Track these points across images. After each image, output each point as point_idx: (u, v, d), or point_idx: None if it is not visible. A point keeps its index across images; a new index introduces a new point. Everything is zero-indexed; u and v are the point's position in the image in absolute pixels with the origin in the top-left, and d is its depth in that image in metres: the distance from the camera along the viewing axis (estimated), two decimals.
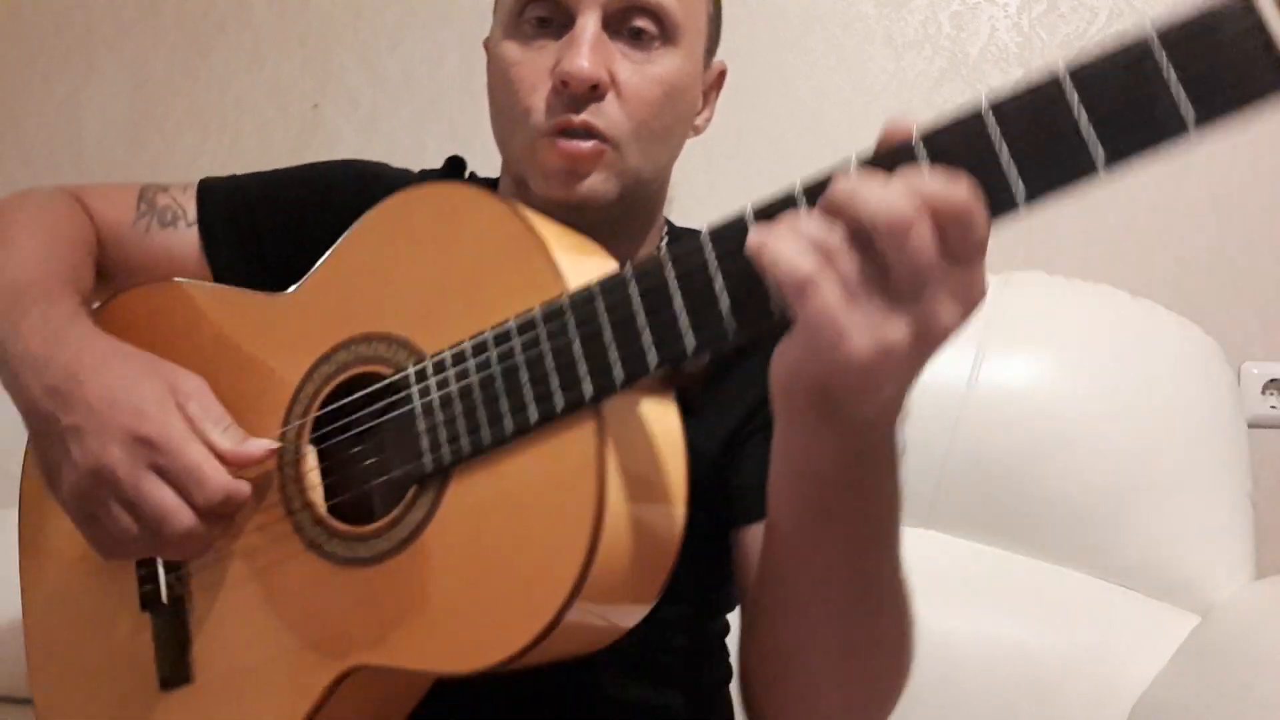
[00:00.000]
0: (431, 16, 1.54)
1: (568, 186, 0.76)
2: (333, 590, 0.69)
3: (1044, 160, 0.50)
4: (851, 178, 0.50)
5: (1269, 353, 1.33)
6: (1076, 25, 1.37)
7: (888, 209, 0.48)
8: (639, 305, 0.59)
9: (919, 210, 0.48)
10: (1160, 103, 0.49)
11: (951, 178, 0.49)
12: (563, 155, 0.75)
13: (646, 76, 0.77)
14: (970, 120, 0.51)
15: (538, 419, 0.62)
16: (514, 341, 0.63)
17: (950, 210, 0.48)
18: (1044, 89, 0.50)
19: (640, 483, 0.62)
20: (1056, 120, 0.50)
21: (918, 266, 0.48)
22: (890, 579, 0.64)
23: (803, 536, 0.62)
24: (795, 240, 0.50)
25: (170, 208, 0.91)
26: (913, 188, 0.49)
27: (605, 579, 0.61)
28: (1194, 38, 0.49)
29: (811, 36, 1.43)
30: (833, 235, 0.50)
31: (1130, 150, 0.50)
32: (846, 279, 0.50)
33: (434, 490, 0.66)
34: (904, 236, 0.48)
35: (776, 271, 0.50)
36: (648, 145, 0.78)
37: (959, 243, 0.49)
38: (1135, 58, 0.50)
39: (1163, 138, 0.49)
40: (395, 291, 0.71)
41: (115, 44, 1.62)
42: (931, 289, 0.49)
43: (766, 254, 0.51)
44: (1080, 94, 0.50)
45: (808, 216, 0.51)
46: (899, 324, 0.50)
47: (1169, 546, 1.17)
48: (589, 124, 0.75)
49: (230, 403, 0.74)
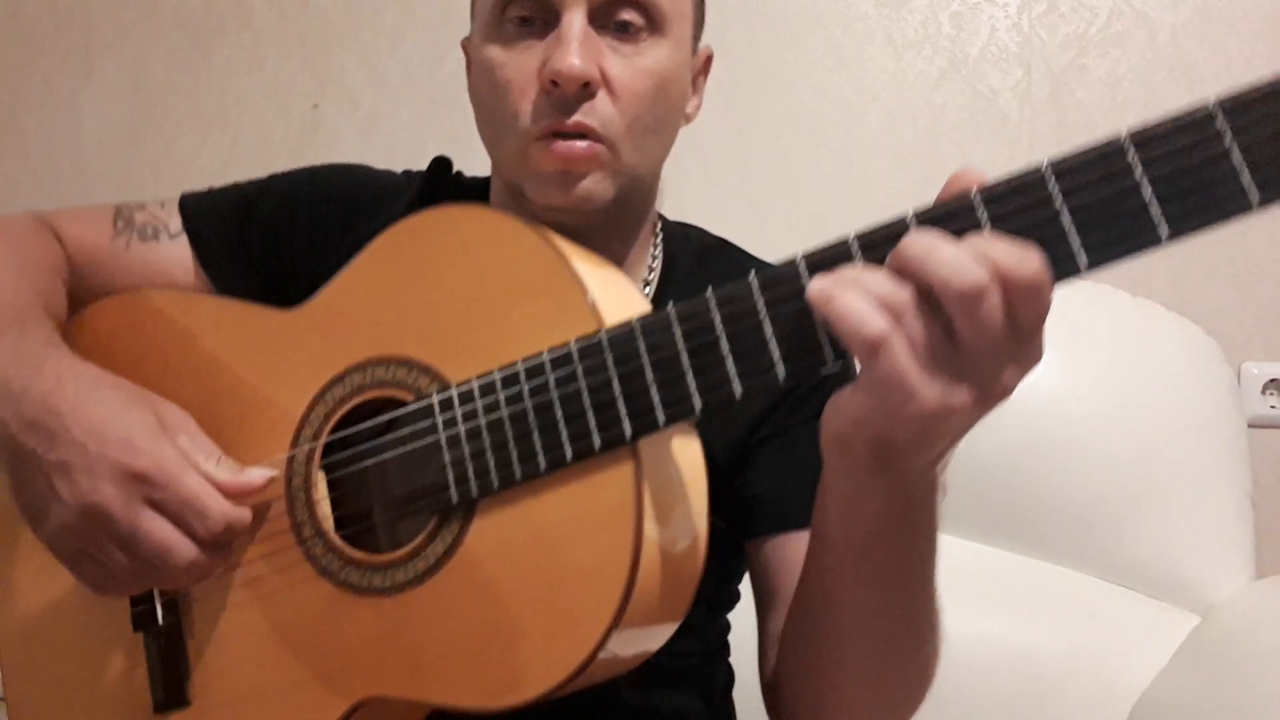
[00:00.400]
0: (431, 16, 1.53)
1: (564, 190, 0.74)
2: (348, 619, 0.67)
3: (1107, 229, 0.50)
4: (924, 237, 0.50)
5: (1269, 353, 1.33)
6: (1076, 25, 1.37)
7: (961, 275, 0.48)
8: (683, 347, 0.58)
9: (991, 279, 0.48)
10: (1225, 178, 0.48)
11: (1024, 249, 0.49)
12: (557, 158, 0.73)
13: (637, 70, 0.74)
14: (1033, 183, 0.51)
15: (573, 457, 0.60)
16: (548, 376, 0.62)
17: (1022, 283, 0.48)
18: (1109, 157, 0.50)
19: (671, 514, 0.62)
20: (1121, 191, 0.49)
21: (986, 334, 0.49)
22: (925, 607, 0.65)
23: (845, 572, 0.64)
24: (864, 296, 0.50)
25: (149, 223, 0.87)
26: (986, 255, 0.49)
27: (640, 611, 0.60)
28: (1258, 111, 0.48)
29: (811, 36, 1.43)
30: (901, 293, 0.50)
31: (1195, 225, 0.49)
32: (915, 340, 0.50)
33: (458, 522, 0.64)
34: (976, 304, 0.48)
35: (844, 326, 0.50)
36: (642, 141, 0.76)
37: (1026, 314, 0.49)
38: (1199, 130, 0.49)
39: (1228, 214, 0.48)
40: (417, 315, 0.69)
41: (115, 44, 1.62)
42: (996, 354, 0.50)
43: (835, 307, 0.50)
44: (1145, 166, 0.49)
45: (875, 272, 0.51)
46: (963, 386, 0.51)
47: (1169, 546, 1.17)
48: (582, 125, 0.72)
49: (232, 420, 0.73)
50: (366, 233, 0.82)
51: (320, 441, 0.70)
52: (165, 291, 0.84)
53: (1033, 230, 0.50)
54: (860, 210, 1.40)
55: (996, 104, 1.38)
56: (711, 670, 0.87)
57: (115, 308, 0.82)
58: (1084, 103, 1.36)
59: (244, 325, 0.77)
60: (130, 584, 0.68)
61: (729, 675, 0.89)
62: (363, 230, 0.83)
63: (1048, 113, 1.37)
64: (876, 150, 1.41)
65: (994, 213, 0.51)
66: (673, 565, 0.62)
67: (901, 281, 0.50)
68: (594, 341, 0.61)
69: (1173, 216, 0.49)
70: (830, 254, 0.54)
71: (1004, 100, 1.38)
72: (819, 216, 1.42)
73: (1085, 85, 1.36)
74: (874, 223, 0.54)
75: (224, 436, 0.72)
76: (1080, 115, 1.36)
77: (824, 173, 1.42)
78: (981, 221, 0.51)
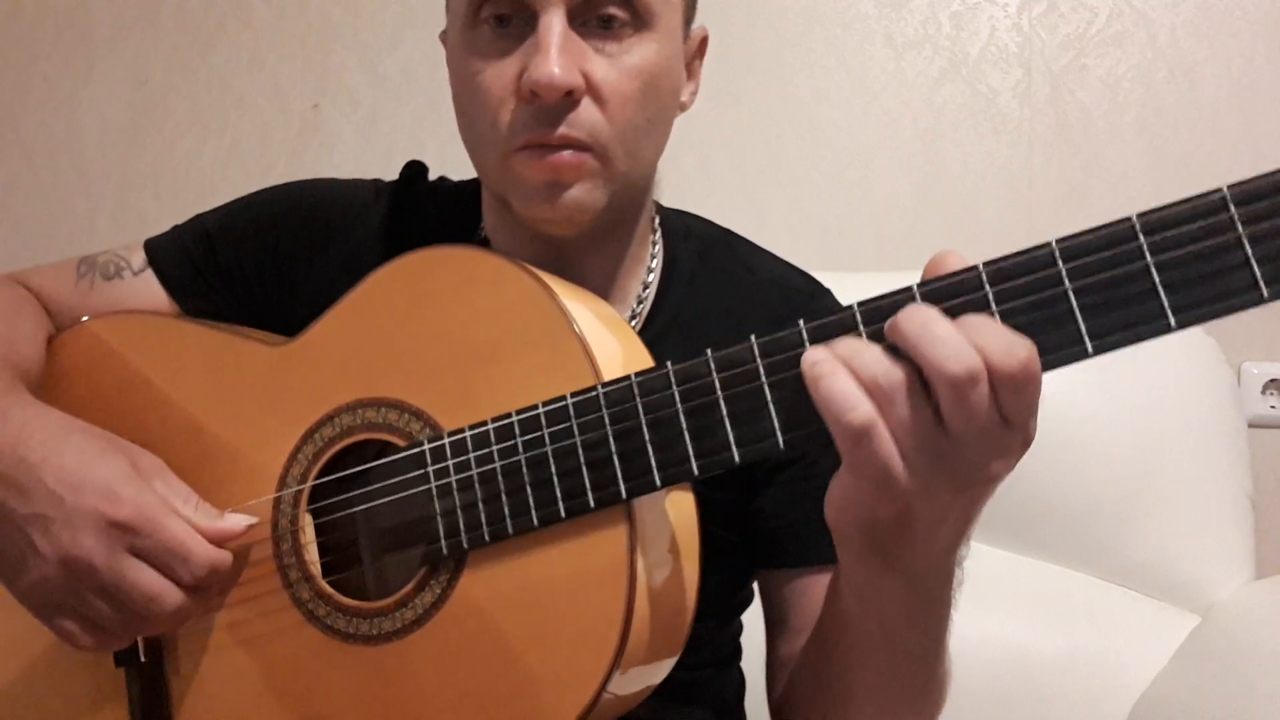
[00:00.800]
0: (431, 16, 1.52)
1: (551, 202, 0.69)
2: (333, 667, 0.66)
3: (1114, 313, 0.49)
4: (921, 314, 0.49)
5: (1269, 353, 1.33)
6: (1076, 25, 1.37)
7: (954, 361, 0.47)
8: (681, 409, 0.57)
9: (982, 366, 0.48)
10: (1235, 268, 0.48)
11: (1015, 338, 0.48)
12: (542, 169, 0.69)
13: (624, 70, 0.69)
14: (1042, 264, 0.50)
15: (565, 516, 0.60)
16: (543, 431, 0.60)
17: (1007, 374, 0.48)
18: (1118, 243, 0.49)
19: (664, 569, 0.62)
20: (1130, 276, 0.49)
21: (974, 422, 0.48)
22: (937, 670, 0.65)
23: (859, 648, 0.64)
24: (850, 380, 0.49)
25: (112, 261, 0.86)
26: (976, 342, 0.48)
27: (633, 664, 0.60)
28: (1269, 200, 0.47)
29: (811, 36, 1.43)
30: (893, 374, 0.49)
31: (1204, 315, 0.49)
32: (901, 426, 0.49)
33: (447, 573, 0.63)
34: (967, 391, 0.47)
35: (829, 410, 0.49)
36: (633, 145, 0.71)
37: (1013, 405, 0.49)
38: (1210, 219, 0.48)
39: (1238, 306, 0.48)
40: (409, 357, 0.67)
41: (115, 44, 1.62)
42: (982, 443, 0.49)
43: (821, 389, 0.50)
44: (1154, 253, 0.49)
45: (870, 348, 0.50)
46: (947, 473, 0.50)
47: (1169, 546, 1.17)
48: (568, 138, 0.68)
49: (217, 455, 0.71)
50: (340, 253, 0.80)
51: (308, 484, 0.69)
52: (150, 316, 0.82)
53: (1039, 310, 0.50)
54: (860, 210, 1.41)
55: (996, 104, 1.38)
56: (724, 679, 0.86)
57: (99, 330, 0.81)
58: (1084, 103, 1.36)
59: (233, 358, 0.75)
60: (116, 634, 0.66)
61: (740, 681, 0.88)
62: (336, 250, 0.82)
63: (1048, 113, 1.37)
64: (876, 150, 1.41)
65: (1000, 294, 0.50)
66: (665, 616, 0.62)
67: (895, 361, 0.49)
68: (590, 396, 0.59)
69: (1180, 306, 0.49)
70: (832, 325, 0.53)
71: (1004, 100, 1.38)
72: (819, 216, 1.42)
73: (1085, 85, 1.36)
74: (878, 294, 0.53)
75: (209, 472, 0.72)
76: (1080, 115, 1.36)
77: (824, 173, 1.42)
78: (989, 298, 0.51)
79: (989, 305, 0.50)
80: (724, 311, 0.80)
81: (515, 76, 0.68)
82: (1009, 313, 0.50)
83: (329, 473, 0.69)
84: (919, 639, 0.62)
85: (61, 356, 0.81)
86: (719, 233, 0.88)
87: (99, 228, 1.61)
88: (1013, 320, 0.50)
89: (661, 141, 0.77)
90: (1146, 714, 1.06)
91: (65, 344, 0.82)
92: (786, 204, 1.43)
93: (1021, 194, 1.37)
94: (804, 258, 0.88)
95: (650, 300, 0.81)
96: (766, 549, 0.79)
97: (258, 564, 0.70)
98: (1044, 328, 0.50)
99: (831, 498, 0.55)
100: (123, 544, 0.64)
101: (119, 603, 0.64)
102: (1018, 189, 1.37)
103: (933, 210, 1.40)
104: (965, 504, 0.53)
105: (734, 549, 0.79)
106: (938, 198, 1.40)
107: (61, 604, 0.65)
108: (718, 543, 0.70)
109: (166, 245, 0.87)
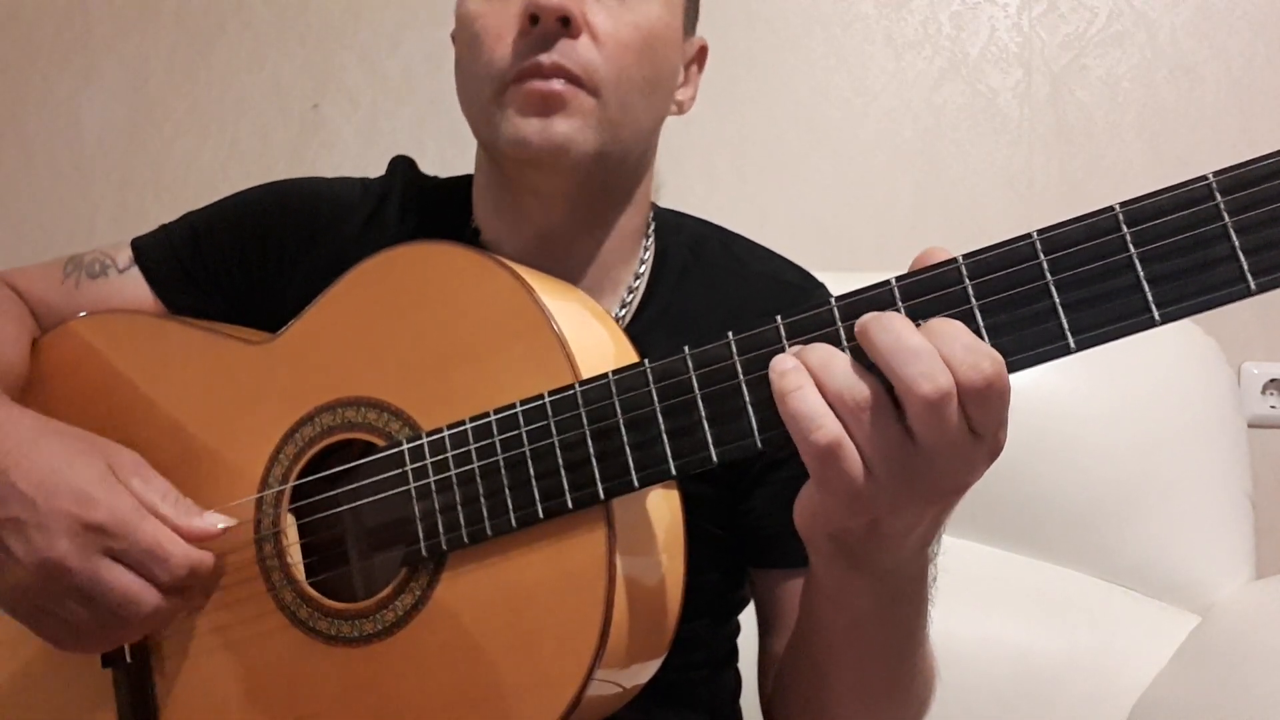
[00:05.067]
0: (431, 16, 1.53)
1: (541, 127, 0.68)
2: (315, 668, 0.66)
3: (1096, 308, 0.48)
4: (892, 327, 0.48)
5: (1269, 353, 1.33)
6: (1076, 25, 1.37)
7: (925, 380, 0.46)
8: (658, 407, 0.56)
9: (954, 387, 0.47)
10: (1222, 260, 0.46)
11: (982, 351, 0.47)
12: (532, 94, 0.68)
13: (623, 21, 0.70)
14: (1022, 256, 0.49)
15: (544, 517, 0.59)
16: (520, 430, 0.60)
17: (973, 389, 0.47)
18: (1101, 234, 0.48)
19: (645, 569, 0.61)
20: (1114, 269, 0.47)
21: (944, 436, 0.48)
22: (914, 666, 0.66)
23: (833, 648, 0.65)
24: (817, 396, 0.48)
25: (98, 260, 0.86)
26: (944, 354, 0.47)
27: (615, 664, 0.60)
28: (1253, 187, 0.46)
29: (811, 36, 1.43)
30: (860, 390, 0.48)
31: (1189, 309, 0.47)
32: (868, 441, 0.48)
33: (427, 574, 0.63)
34: (938, 409, 0.47)
35: (795, 426, 0.49)
36: (628, 97, 0.71)
37: (981, 418, 0.48)
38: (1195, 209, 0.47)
39: (1224, 299, 0.46)
40: (388, 356, 0.67)
41: (115, 44, 1.62)
42: (951, 456, 0.49)
43: (789, 406, 0.49)
44: (1138, 245, 0.47)
45: (840, 360, 0.49)
46: (914, 487, 0.49)
47: (1169, 546, 1.17)
48: (560, 65, 0.68)
49: (201, 454, 0.71)
50: (327, 251, 0.80)
51: (289, 484, 0.69)
52: (136, 315, 0.82)
53: (1019, 305, 0.48)
54: (860, 210, 1.41)
55: (996, 104, 1.38)
56: (719, 681, 0.86)
57: (82, 330, 0.81)
58: (1084, 103, 1.36)
59: (215, 357, 0.75)
60: (96, 637, 0.66)
61: (736, 682, 0.88)
62: (323, 248, 0.82)
63: (1048, 113, 1.37)
64: (876, 150, 1.41)
65: (980, 289, 0.49)
66: (647, 616, 0.62)
67: (864, 375, 0.49)
68: (568, 395, 0.59)
69: (1165, 300, 0.47)
70: (809, 321, 0.52)
71: (1004, 100, 1.38)
72: (819, 217, 1.42)
73: (1085, 85, 1.36)
74: (857, 289, 0.52)
75: (192, 472, 0.71)
76: (1080, 115, 1.36)
77: (824, 173, 1.42)
78: (969, 294, 0.49)
79: (968, 300, 0.49)
80: (715, 305, 0.80)
81: (517, 14, 0.69)
82: (989, 308, 0.49)
83: (311, 473, 0.69)
84: (890, 635, 0.62)
85: (45, 357, 0.81)
86: (712, 229, 0.88)
87: (99, 228, 1.61)
88: (992, 317, 0.49)
89: (656, 113, 0.77)
90: (1146, 714, 1.06)
91: (49, 345, 0.82)
92: (786, 204, 1.43)
93: (1021, 194, 1.37)
94: (804, 258, 0.88)
95: (640, 293, 0.81)
96: (758, 548, 0.79)
97: (241, 566, 0.69)
98: (1024, 324, 0.48)
99: (800, 507, 0.55)
100: (98, 547, 0.63)
101: (95, 605, 0.64)
102: (1018, 189, 1.37)
103: (933, 210, 1.40)
104: (934, 513, 0.53)
105: (726, 547, 0.79)
106: (938, 198, 1.40)
107: (41, 607, 0.65)
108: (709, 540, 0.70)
109: (153, 243, 0.87)
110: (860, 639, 0.63)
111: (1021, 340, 0.48)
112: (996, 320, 0.49)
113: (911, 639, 0.64)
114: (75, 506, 0.63)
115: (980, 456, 0.50)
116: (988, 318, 0.49)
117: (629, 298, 0.80)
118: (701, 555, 0.66)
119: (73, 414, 0.73)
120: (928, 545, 0.57)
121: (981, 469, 0.51)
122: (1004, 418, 0.49)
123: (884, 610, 0.60)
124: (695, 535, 0.65)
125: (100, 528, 0.63)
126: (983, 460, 0.50)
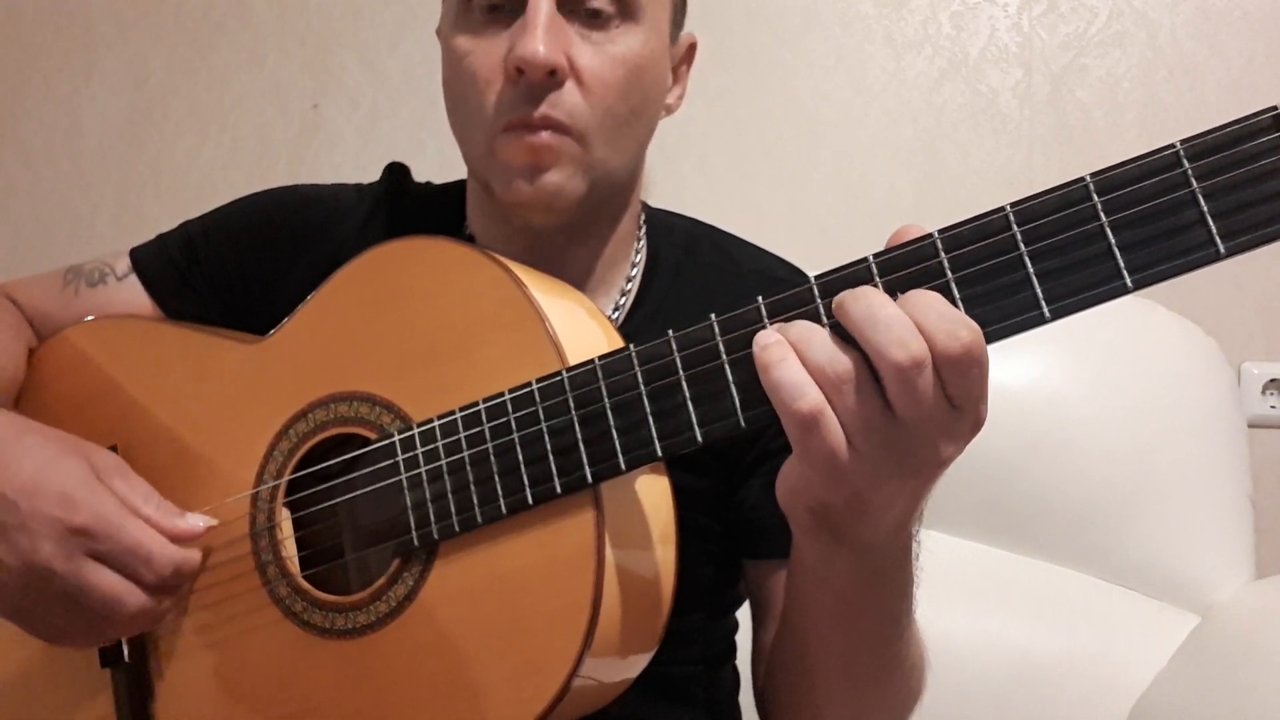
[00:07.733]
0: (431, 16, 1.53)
1: (530, 183, 0.70)
2: (311, 662, 0.66)
3: (1070, 276, 0.49)
4: (866, 298, 0.49)
5: (1269, 353, 1.33)
6: (1076, 25, 1.37)
7: (898, 348, 0.47)
8: (644, 390, 0.57)
9: (926, 352, 0.47)
10: (1191, 225, 0.47)
11: (958, 319, 0.48)
12: (521, 149, 0.70)
13: (608, 58, 0.71)
14: (996, 228, 0.50)
15: (533, 503, 0.60)
16: (509, 417, 0.61)
17: (950, 358, 0.47)
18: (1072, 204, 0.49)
19: (635, 553, 0.62)
20: (1085, 237, 0.48)
21: (922, 407, 0.48)
22: (900, 650, 0.66)
23: (818, 629, 0.65)
24: (799, 367, 0.49)
25: (96, 268, 0.87)
26: (919, 323, 0.47)
27: (606, 650, 0.60)
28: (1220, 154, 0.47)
29: (811, 36, 1.43)
30: (841, 362, 0.49)
31: (1160, 274, 0.47)
32: (850, 413, 0.49)
33: (419, 564, 0.63)
34: (913, 377, 0.47)
35: (777, 397, 0.50)
36: (614, 134, 0.72)
37: (958, 388, 0.48)
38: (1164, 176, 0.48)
39: (1195, 264, 0.47)
40: (379, 350, 0.68)
41: (115, 44, 1.62)
42: (930, 427, 0.49)
43: (771, 377, 0.50)
44: (1108, 212, 0.48)
45: (820, 334, 0.50)
46: (895, 458, 0.50)
47: (1169, 546, 1.17)
48: (548, 118, 0.69)
49: (196, 454, 0.72)
50: (322, 255, 0.80)
51: (284, 479, 0.69)
52: (130, 320, 0.83)
53: (994, 276, 0.49)
54: (860, 210, 1.41)
55: (996, 104, 1.38)
56: (716, 677, 0.86)
57: (79, 337, 0.81)
58: (1084, 103, 1.36)
59: (209, 358, 0.76)
60: (84, 635, 0.66)
61: (734, 679, 0.88)
62: (318, 252, 0.82)
63: (1048, 113, 1.37)
64: (876, 150, 1.41)
65: (955, 262, 0.50)
66: (638, 603, 0.62)
67: (844, 347, 0.49)
68: (555, 381, 0.60)
69: (1136, 266, 0.47)
70: (790, 300, 0.53)
71: (1004, 100, 1.38)
72: (818, 217, 1.42)
73: (1085, 85, 1.36)
74: (836, 267, 0.53)
75: (189, 470, 0.72)
76: (1080, 115, 1.36)
77: (824, 173, 1.42)
78: (944, 267, 0.50)
79: (944, 273, 0.50)
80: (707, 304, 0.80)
81: (503, 57, 0.70)
82: (965, 280, 0.50)
83: (305, 468, 0.70)
84: (874, 615, 0.63)
85: (42, 365, 0.81)
86: (704, 229, 0.89)
87: (99, 228, 1.61)
88: (969, 288, 0.50)
89: (643, 136, 0.78)
90: (1146, 714, 1.06)
91: (46, 353, 0.82)
92: (786, 204, 1.43)
93: (1021, 194, 1.36)
94: (804, 258, 0.88)
95: (633, 293, 0.81)
96: (750, 539, 0.79)
97: (236, 561, 0.70)
98: (1000, 294, 0.49)
99: (782, 480, 0.56)
100: (82, 549, 0.63)
101: (81, 607, 0.64)
102: (1018, 189, 1.35)
103: (933, 210, 1.39)
104: (915, 486, 0.53)
105: (719, 539, 0.79)
106: (938, 198, 1.40)
107: (30, 609, 0.65)
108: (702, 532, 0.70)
109: (151, 251, 0.88)
110: (844, 619, 0.63)
111: (998, 310, 0.49)
112: (973, 291, 0.50)
113: (896, 623, 0.64)
114: (58, 509, 0.63)
115: (961, 429, 0.50)
116: (964, 289, 0.50)
117: (622, 299, 0.81)
118: (696, 549, 0.66)
119: (69, 421, 0.73)
120: (908, 522, 0.57)
121: (963, 443, 0.51)
122: (984, 390, 0.50)
123: (867, 589, 0.60)
124: (689, 529, 0.66)
125: (83, 529, 0.63)
126: (964, 433, 0.50)
